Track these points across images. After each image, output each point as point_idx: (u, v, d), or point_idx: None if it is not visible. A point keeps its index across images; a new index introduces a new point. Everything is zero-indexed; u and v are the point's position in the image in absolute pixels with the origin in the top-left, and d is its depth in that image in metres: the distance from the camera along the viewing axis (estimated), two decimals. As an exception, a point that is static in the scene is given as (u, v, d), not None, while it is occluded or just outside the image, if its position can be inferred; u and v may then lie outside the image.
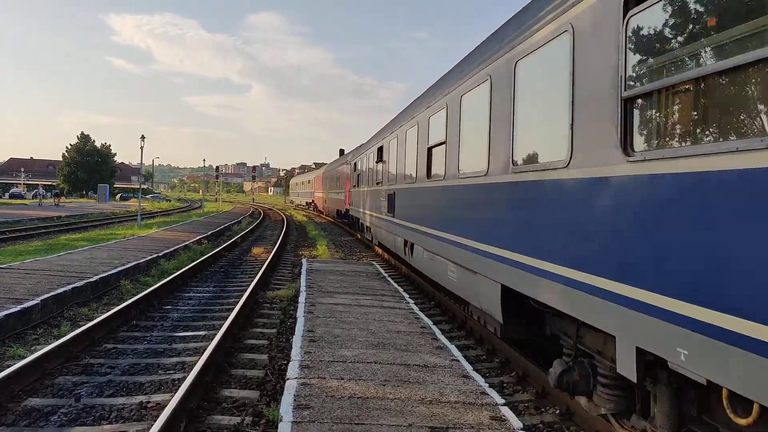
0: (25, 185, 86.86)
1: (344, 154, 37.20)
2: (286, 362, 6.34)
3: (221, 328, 7.40)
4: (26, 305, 7.97)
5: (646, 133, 3.82)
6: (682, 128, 3.57)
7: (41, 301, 8.34)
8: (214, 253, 16.39)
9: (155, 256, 14.31)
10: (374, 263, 15.20)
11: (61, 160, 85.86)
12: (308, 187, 59.96)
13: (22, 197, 69.56)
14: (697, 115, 3.46)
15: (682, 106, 3.60)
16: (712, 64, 3.23)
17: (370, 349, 6.50)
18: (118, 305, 8.86)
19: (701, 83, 3.34)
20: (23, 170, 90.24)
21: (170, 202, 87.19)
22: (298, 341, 6.66)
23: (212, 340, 6.91)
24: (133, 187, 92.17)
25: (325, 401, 4.80)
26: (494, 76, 6.39)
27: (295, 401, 4.76)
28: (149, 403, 5.37)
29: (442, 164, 8.63)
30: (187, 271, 12.60)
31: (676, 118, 3.64)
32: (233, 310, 8.52)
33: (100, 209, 45.70)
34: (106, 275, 10.90)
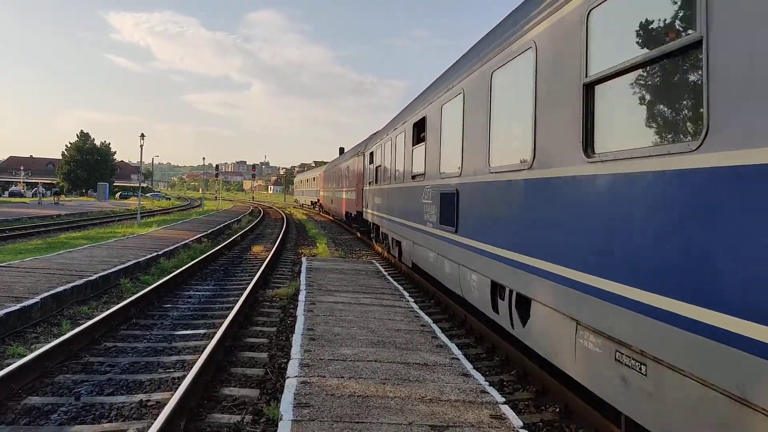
0: (24, 184, 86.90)
1: (354, 146, 28.27)
2: (286, 361, 6.34)
3: (221, 326, 7.40)
4: (26, 303, 7.97)
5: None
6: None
7: (41, 299, 8.34)
8: (214, 251, 16.39)
9: (155, 254, 14.31)
10: (374, 262, 15.19)
11: (60, 158, 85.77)
12: (313, 185, 52.43)
13: (21, 196, 69.60)
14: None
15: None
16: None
17: (370, 347, 6.50)
18: (117, 303, 8.86)
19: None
20: (23, 168, 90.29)
21: (170, 200, 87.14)
22: (298, 339, 6.66)
23: (212, 338, 6.91)
24: (132, 185, 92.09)
25: (325, 400, 4.80)
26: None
27: (295, 400, 4.75)
28: (149, 401, 5.37)
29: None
30: (186, 269, 12.59)
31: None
32: (233, 308, 8.52)
33: (99, 207, 45.70)
34: (105, 273, 10.90)
